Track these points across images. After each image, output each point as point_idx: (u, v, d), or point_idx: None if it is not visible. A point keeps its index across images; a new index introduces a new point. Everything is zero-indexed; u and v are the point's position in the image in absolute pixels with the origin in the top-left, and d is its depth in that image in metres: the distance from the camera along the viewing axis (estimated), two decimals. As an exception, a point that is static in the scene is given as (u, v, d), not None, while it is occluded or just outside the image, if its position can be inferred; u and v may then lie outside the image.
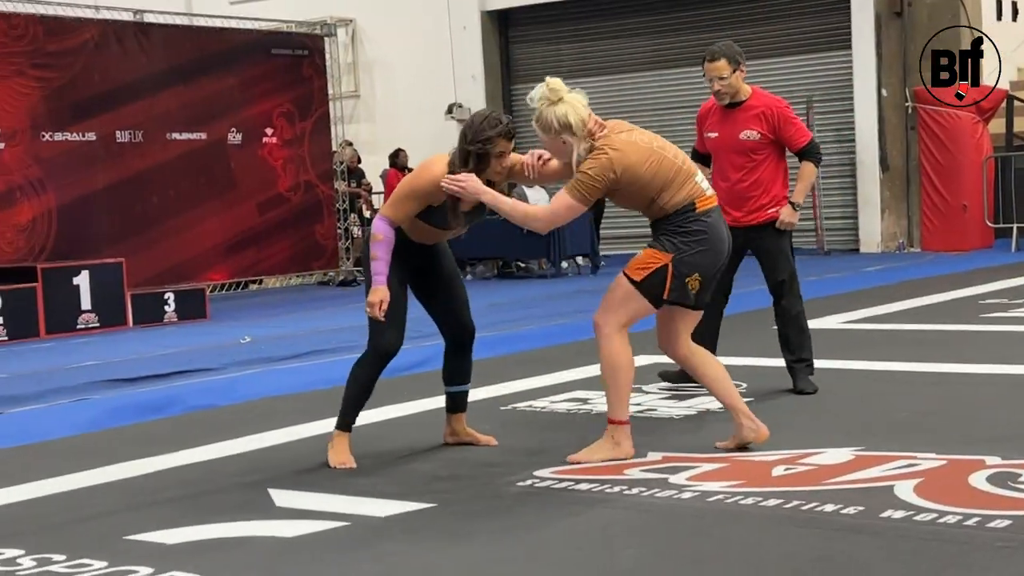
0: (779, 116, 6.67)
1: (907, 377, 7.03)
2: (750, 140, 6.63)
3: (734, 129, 6.65)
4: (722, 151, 6.73)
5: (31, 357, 10.04)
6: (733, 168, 6.68)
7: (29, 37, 13.77)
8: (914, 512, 4.12)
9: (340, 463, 5.24)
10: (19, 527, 4.57)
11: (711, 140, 6.74)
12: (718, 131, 6.71)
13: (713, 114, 6.76)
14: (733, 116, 6.67)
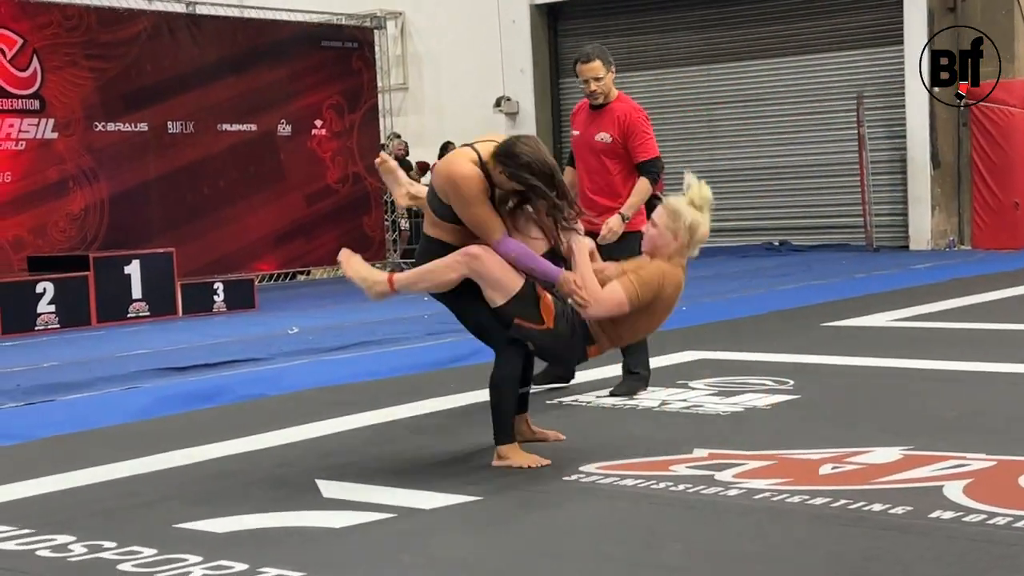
0: (632, 124, 6.68)
1: (957, 376, 6.97)
2: (602, 142, 6.69)
3: (592, 130, 6.74)
4: (578, 150, 6.83)
5: (83, 345, 10.17)
6: (584, 168, 6.78)
7: (83, 28, 13.91)
8: (963, 513, 4.09)
9: (536, 461, 5.03)
10: (70, 514, 4.63)
11: (574, 138, 6.87)
12: (580, 130, 6.80)
13: (581, 113, 6.86)
14: (596, 117, 6.75)
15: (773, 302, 11.19)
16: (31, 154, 13.40)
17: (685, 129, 19.06)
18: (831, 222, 18.12)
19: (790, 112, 18.40)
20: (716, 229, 20.54)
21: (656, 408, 6.28)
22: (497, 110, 19.73)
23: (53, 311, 11.41)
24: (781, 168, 18.49)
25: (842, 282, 12.93)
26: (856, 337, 8.79)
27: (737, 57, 18.71)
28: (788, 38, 18.32)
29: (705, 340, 8.72)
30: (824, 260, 15.84)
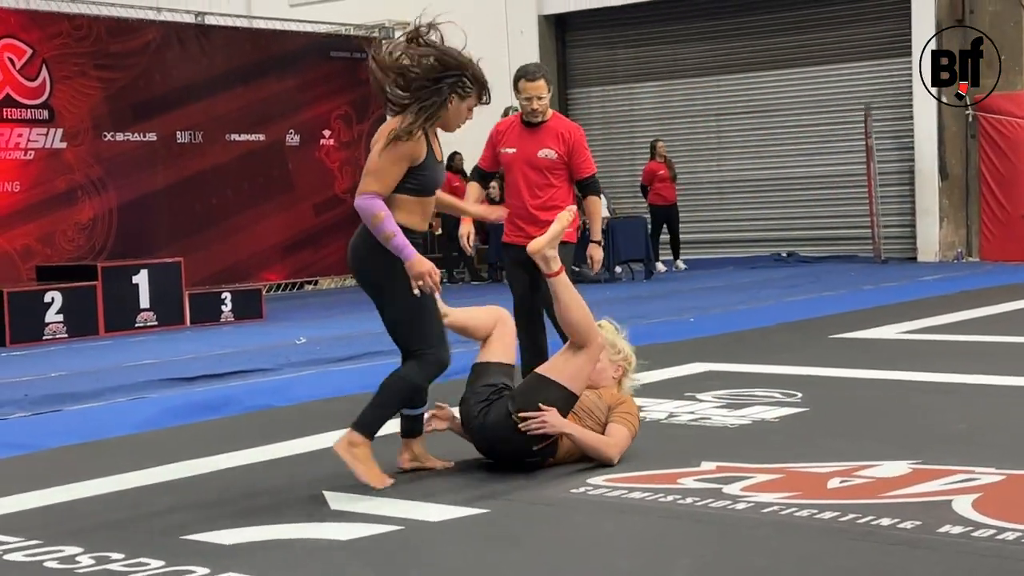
0: (576, 140, 6.80)
1: (965, 389, 6.96)
2: (547, 159, 6.74)
3: (533, 147, 6.76)
4: (517, 167, 6.80)
5: (90, 354, 10.18)
6: (526, 185, 6.78)
7: (92, 38, 13.96)
8: (972, 528, 4.08)
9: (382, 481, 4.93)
10: (78, 525, 4.63)
11: (508, 156, 6.81)
12: (517, 147, 6.79)
13: (512, 130, 6.87)
14: (534, 134, 6.79)
15: (781, 314, 11.18)
16: (40, 164, 13.44)
17: (693, 140, 19.07)
18: (839, 233, 18.11)
19: (798, 123, 18.40)
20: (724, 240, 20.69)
21: (664, 420, 6.27)
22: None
23: (61, 320, 11.43)
24: (789, 179, 18.49)
25: (850, 294, 12.92)
26: (864, 349, 8.77)
27: (745, 68, 18.72)
28: (796, 49, 18.33)
29: (713, 352, 8.71)
30: (832, 271, 15.83)
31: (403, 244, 4.86)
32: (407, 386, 5.01)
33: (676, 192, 17.48)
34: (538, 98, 6.69)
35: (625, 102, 19.81)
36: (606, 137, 20.11)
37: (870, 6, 17.71)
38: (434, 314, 5.02)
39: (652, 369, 7.83)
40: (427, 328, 4.98)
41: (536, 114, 6.74)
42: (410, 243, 4.90)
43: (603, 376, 5.38)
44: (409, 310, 4.94)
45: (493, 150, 6.92)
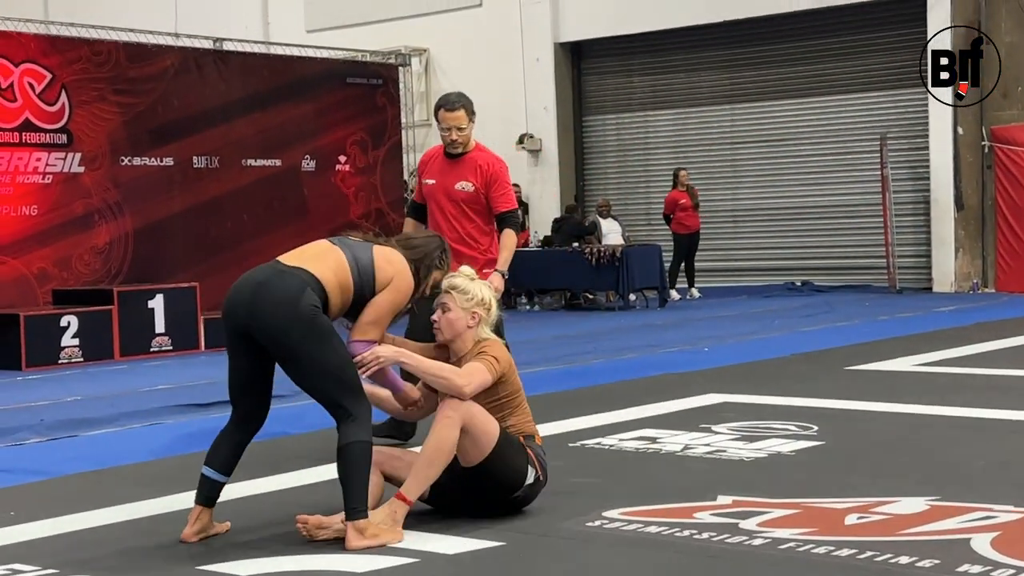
0: (494, 174, 6.70)
1: (983, 424, 6.92)
2: (464, 191, 6.66)
3: (452, 179, 6.70)
4: (435, 198, 6.74)
5: (106, 379, 10.20)
6: (443, 217, 6.72)
7: (112, 63, 14.02)
8: (991, 567, 4.05)
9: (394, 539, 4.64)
10: (92, 553, 4.63)
11: (428, 187, 6.75)
12: (436, 179, 6.73)
13: (435, 162, 6.78)
14: (454, 166, 6.71)
15: (796, 344, 11.16)
16: (57, 188, 13.49)
17: (708, 168, 19.09)
18: (854, 263, 18.08)
19: (814, 152, 18.41)
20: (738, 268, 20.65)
21: (679, 452, 6.25)
22: (520, 147, 19.80)
23: (77, 344, 11.46)
24: (804, 208, 18.48)
25: (865, 324, 12.88)
26: (880, 382, 8.74)
27: (761, 97, 18.74)
28: (812, 79, 18.35)
29: (728, 382, 8.69)
30: (847, 301, 15.79)
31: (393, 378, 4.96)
32: (362, 448, 4.67)
33: (700, 220, 17.49)
34: (458, 129, 6.60)
35: (640, 130, 19.84)
36: (621, 165, 20.15)
37: (886, 36, 17.73)
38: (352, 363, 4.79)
39: (667, 399, 7.83)
40: (354, 382, 4.74)
41: (456, 145, 6.64)
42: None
43: (457, 325, 4.98)
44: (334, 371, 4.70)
45: (421, 181, 6.83)
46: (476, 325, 5.03)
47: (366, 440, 4.67)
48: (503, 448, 4.87)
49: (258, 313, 4.72)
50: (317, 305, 4.69)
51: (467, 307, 5.01)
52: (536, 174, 19.96)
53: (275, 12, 22.17)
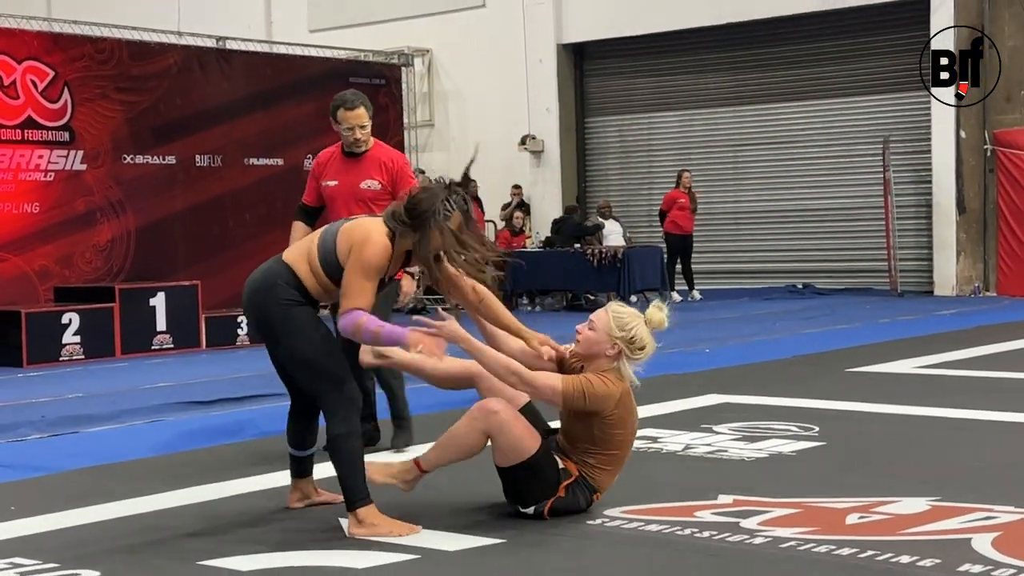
0: (399, 169, 6.56)
1: (984, 426, 6.92)
2: (370, 189, 6.48)
3: (356, 178, 6.48)
4: (340, 199, 6.49)
5: (107, 376, 10.20)
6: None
7: (114, 61, 14.03)
8: (992, 567, 4.05)
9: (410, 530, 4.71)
10: (94, 549, 4.63)
11: (330, 188, 6.50)
12: (338, 179, 6.50)
13: (333, 162, 6.55)
14: (355, 165, 6.49)
15: (797, 346, 11.16)
16: (60, 185, 13.50)
17: (712, 170, 19.09)
18: (856, 266, 18.08)
19: (816, 155, 18.41)
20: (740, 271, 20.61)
21: (680, 452, 6.25)
22: (522, 148, 19.81)
23: (78, 342, 11.47)
24: (806, 211, 18.48)
25: (866, 327, 12.88)
26: (881, 383, 8.74)
27: (765, 99, 18.75)
28: (816, 81, 18.35)
29: (729, 383, 8.70)
30: (848, 304, 15.79)
31: (390, 331, 4.69)
32: (348, 440, 4.76)
33: (694, 223, 17.48)
34: (360, 127, 6.42)
35: (643, 131, 19.85)
36: (623, 166, 20.15)
37: (889, 40, 17.73)
38: (339, 355, 4.84)
39: (668, 400, 7.83)
40: (336, 371, 4.79)
41: (359, 144, 6.46)
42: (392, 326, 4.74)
43: (596, 349, 4.85)
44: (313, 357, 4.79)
45: (316, 183, 6.56)
46: (615, 357, 4.84)
47: (340, 433, 4.75)
48: (531, 470, 4.79)
49: (246, 310, 5.01)
50: (289, 298, 4.79)
51: (614, 335, 4.82)
52: (538, 175, 19.96)
53: (278, 11, 22.17)
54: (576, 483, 4.88)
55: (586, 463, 4.90)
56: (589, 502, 4.93)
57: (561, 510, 4.86)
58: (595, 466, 4.90)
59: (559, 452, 4.93)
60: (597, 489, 4.93)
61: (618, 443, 4.92)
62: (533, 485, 4.84)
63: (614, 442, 4.90)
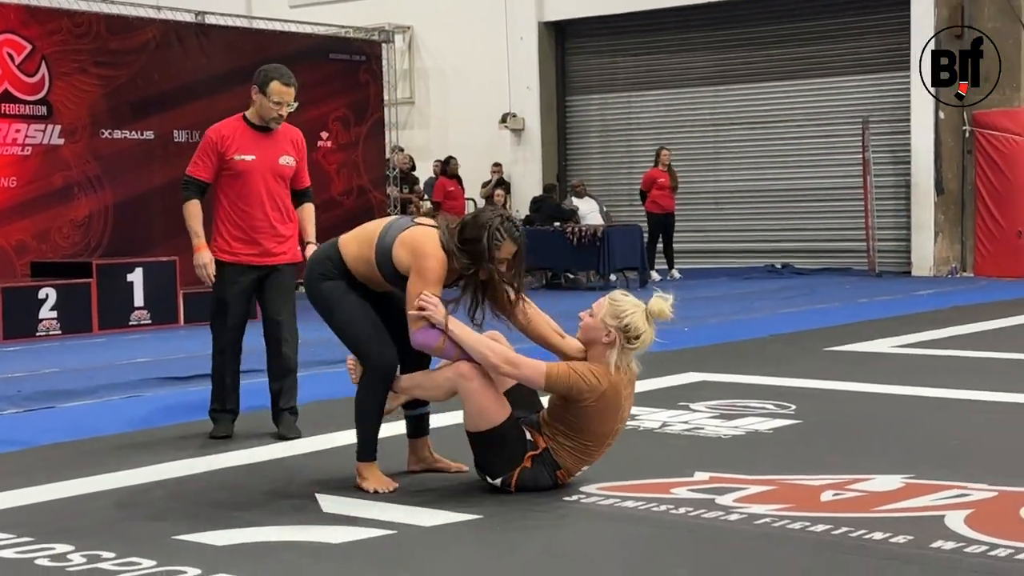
0: (303, 148, 6.51)
1: (959, 405, 6.97)
2: (288, 166, 6.38)
3: (273, 152, 6.31)
4: (259, 175, 6.28)
5: (84, 352, 10.16)
6: (268, 195, 6.33)
7: (92, 35, 13.93)
8: (964, 544, 4.08)
9: (385, 486, 5.00)
10: (69, 523, 4.62)
11: (245, 163, 6.25)
12: (255, 154, 6.26)
13: (241, 136, 6.29)
14: (268, 140, 6.31)
15: (775, 325, 11.19)
16: (37, 160, 13.41)
17: (691, 150, 19.10)
18: (834, 246, 18.14)
19: (796, 135, 18.43)
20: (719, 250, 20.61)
21: (657, 430, 6.27)
22: (503, 126, 19.78)
23: (55, 317, 11.41)
24: (785, 191, 18.52)
25: (844, 307, 12.93)
26: (858, 363, 8.78)
27: (744, 79, 18.76)
28: (796, 62, 18.36)
29: (707, 362, 8.72)
30: (826, 284, 15.84)
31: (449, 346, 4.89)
32: (363, 400, 5.12)
33: (675, 202, 17.49)
34: (288, 105, 6.31)
35: (624, 110, 19.83)
36: (604, 145, 20.14)
37: (870, 20, 17.75)
38: (364, 322, 5.11)
39: (646, 378, 7.83)
40: (360, 336, 5.11)
41: (278, 120, 6.31)
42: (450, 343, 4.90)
43: (592, 335, 4.92)
44: (339, 325, 5.19)
45: (217, 158, 6.25)
46: (610, 344, 4.87)
47: (361, 397, 5.11)
48: (495, 439, 4.86)
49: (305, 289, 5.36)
50: (324, 272, 5.19)
51: (609, 323, 4.87)
52: (519, 153, 19.94)
53: (258, -13, 22.05)
54: (540, 457, 4.90)
55: (556, 441, 4.93)
56: (553, 479, 4.93)
57: (528, 486, 4.88)
58: (564, 446, 4.92)
59: (535, 427, 4.95)
60: (561, 467, 4.93)
61: (592, 435, 4.92)
62: (496, 455, 4.89)
63: (588, 432, 4.91)
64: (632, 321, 4.87)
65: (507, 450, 4.88)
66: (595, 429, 4.92)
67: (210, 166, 6.30)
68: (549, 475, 4.92)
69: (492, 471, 4.92)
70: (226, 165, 6.28)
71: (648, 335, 4.92)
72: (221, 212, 6.37)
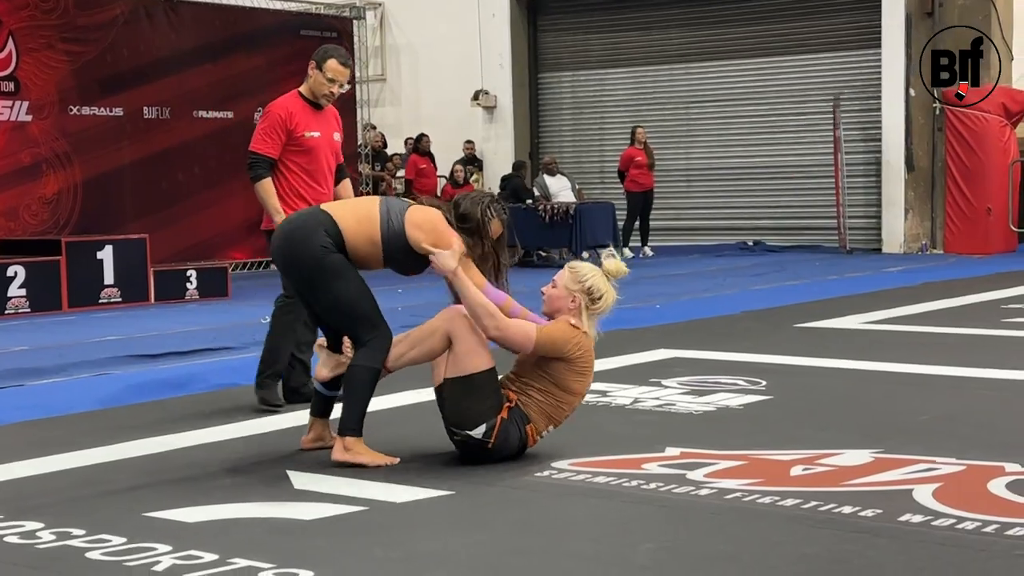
0: (341, 125, 6.65)
1: (927, 380, 7.01)
2: (339, 143, 6.58)
3: (329, 129, 6.48)
4: (323, 151, 6.42)
5: (53, 330, 10.10)
6: (328, 171, 6.49)
7: (60, 11, 13.82)
8: (932, 517, 4.12)
9: (386, 460, 5.02)
10: (39, 500, 4.60)
11: (313, 139, 6.36)
12: (320, 130, 6.40)
13: (302, 113, 6.37)
14: (323, 117, 6.46)
15: (746, 302, 11.23)
16: (4, 136, 13.31)
17: (663, 127, 19.10)
18: (805, 223, 18.20)
19: (767, 113, 18.46)
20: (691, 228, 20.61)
21: (628, 406, 6.29)
22: (475, 103, 19.72)
23: (24, 295, 11.33)
24: (757, 168, 18.56)
25: (815, 283, 12.99)
26: (828, 339, 8.83)
27: (716, 57, 18.76)
28: (767, 39, 18.37)
29: (678, 338, 8.74)
30: (798, 261, 15.91)
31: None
32: (369, 373, 5.08)
33: (654, 179, 17.50)
34: (340, 85, 6.39)
35: (596, 88, 19.81)
36: (576, 122, 20.12)
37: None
38: (371, 297, 5.13)
39: (618, 355, 7.86)
40: (367, 312, 5.08)
41: (330, 98, 6.41)
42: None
43: (559, 304, 5.07)
44: (345, 301, 5.06)
45: (284, 135, 6.31)
46: (576, 309, 5.03)
47: (368, 366, 5.03)
48: (475, 385, 4.90)
49: (281, 254, 5.16)
50: (327, 245, 5.02)
51: (572, 288, 5.03)
52: (491, 131, 19.90)
53: (228, -38, 21.87)
54: (513, 409, 4.96)
55: (527, 395, 5.01)
56: (523, 435, 4.99)
57: (502, 440, 4.93)
58: (534, 401, 5.00)
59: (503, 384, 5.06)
60: (530, 420, 5.00)
61: (569, 392, 5.04)
62: (480, 402, 4.91)
63: (565, 390, 5.02)
64: (594, 283, 5.07)
65: (489, 398, 4.93)
66: (572, 387, 5.04)
67: (278, 143, 6.35)
68: (520, 429, 4.99)
69: (474, 420, 4.92)
70: (295, 142, 6.38)
71: (610, 295, 5.11)
72: (285, 187, 6.40)
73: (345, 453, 5.01)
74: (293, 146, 6.38)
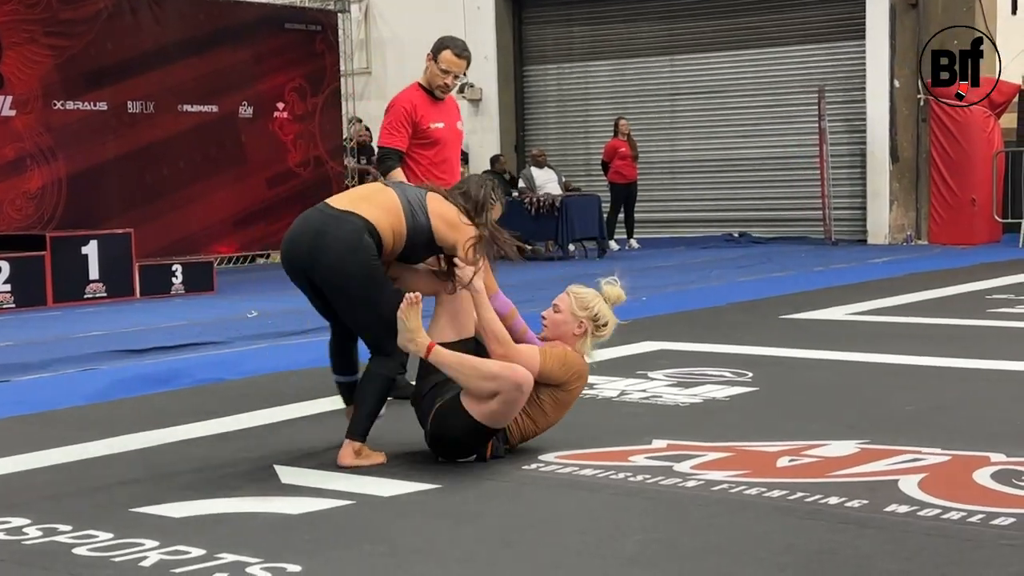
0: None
1: (913, 371, 7.04)
2: (463, 131, 6.62)
3: (454, 119, 6.51)
4: (451, 142, 6.46)
5: (38, 325, 10.07)
6: (456, 161, 6.52)
7: (43, 5, 13.76)
8: (918, 507, 4.13)
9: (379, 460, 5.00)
10: (25, 496, 4.59)
11: (440, 130, 6.38)
12: (444, 121, 6.42)
13: (426, 105, 6.38)
14: (445, 107, 6.48)
15: (732, 294, 11.26)
16: (-12, 131, 13.26)
17: (647, 119, 19.12)
18: (791, 215, 18.23)
19: (752, 104, 18.48)
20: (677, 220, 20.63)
21: (615, 398, 6.30)
22: (460, 96, 19.68)
23: (8, 291, 11.29)
24: (742, 160, 18.59)
25: (801, 275, 13.02)
26: (814, 330, 8.85)
27: (700, 48, 18.78)
28: (751, 30, 18.39)
29: (664, 330, 8.76)
30: (783, 253, 15.94)
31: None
32: (387, 383, 5.06)
33: (637, 171, 17.51)
34: (456, 76, 6.41)
35: (580, 80, 19.81)
36: (561, 114, 20.12)
37: (825, -12, 17.82)
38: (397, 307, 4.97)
39: (604, 347, 7.86)
40: (394, 324, 4.90)
41: (447, 89, 6.44)
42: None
43: (564, 329, 5.09)
44: (386, 313, 4.90)
45: (411, 127, 6.31)
46: (581, 335, 5.08)
47: (386, 375, 5.03)
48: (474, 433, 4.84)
49: (319, 262, 4.92)
50: (375, 254, 4.90)
51: (578, 315, 5.08)
52: (476, 123, 19.88)
53: (212, -44, 21.80)
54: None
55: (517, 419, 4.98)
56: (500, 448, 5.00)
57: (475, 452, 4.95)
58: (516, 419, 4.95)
59: None
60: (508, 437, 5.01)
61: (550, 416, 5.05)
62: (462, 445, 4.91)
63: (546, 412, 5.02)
64: (600, 309, 5.13)
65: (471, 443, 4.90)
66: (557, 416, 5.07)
67: (406, 135, 6.33)
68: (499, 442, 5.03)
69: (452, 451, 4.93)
70: (422, 134, 6.36)
71: (613, 321, 5.18)
72: (413, 181, 6.24)
73: (356, 458, 4.95)
74: (421, 138, 6.36)
